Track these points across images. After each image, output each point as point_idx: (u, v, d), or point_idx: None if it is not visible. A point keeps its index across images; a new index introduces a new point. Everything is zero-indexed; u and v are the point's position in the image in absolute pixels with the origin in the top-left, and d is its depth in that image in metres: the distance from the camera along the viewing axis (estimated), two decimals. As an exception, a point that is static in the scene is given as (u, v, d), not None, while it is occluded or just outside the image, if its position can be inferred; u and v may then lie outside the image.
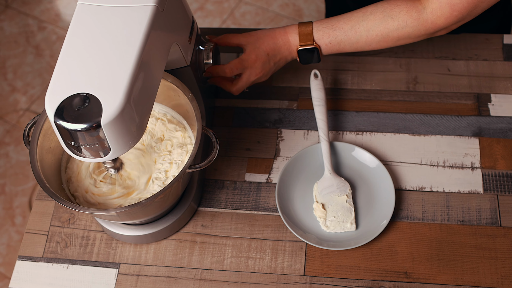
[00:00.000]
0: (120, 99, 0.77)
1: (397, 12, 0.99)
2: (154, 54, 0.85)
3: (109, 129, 0.77)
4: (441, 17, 0.97)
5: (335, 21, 1.04)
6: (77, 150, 0.81)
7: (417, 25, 0.99)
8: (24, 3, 2.86)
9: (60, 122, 0.77)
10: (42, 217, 1.10)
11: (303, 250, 1.03)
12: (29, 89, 2.55)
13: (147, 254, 1.05)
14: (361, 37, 1.03)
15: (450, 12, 0.96)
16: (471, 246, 1.02)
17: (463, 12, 0.96)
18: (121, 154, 0.83)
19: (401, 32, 1.00)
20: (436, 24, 0.98)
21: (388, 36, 1.02)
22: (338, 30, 1.04)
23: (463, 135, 1.13)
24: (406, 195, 1.08)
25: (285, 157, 1.13)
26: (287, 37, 1.06)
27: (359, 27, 1.02)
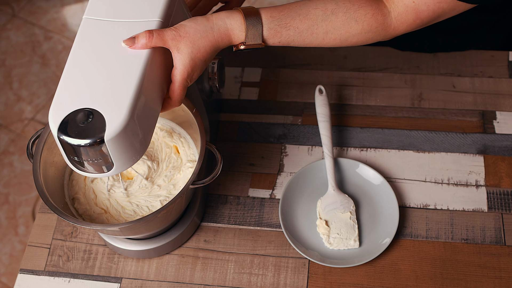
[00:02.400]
0: (124, 114, 0.77)
1: (363, 15, 0.89)
2: (159, 69, 0.85)
3: (113, 145, 0.77)
4: (405, 23, 0.90)
5: (290, 17, 0.88)
6: (80, 165, 0.81)
7: (380, 31, 0.91)
8: (31, 12, 2.87)
9: (64, 137, 0.77)
10: (44, 230, 1.10)
11: (306, 267, 1.03)
12: (34, 98, 2.56)
13: (149, 269, 1.04)
14: (317, 39, 0.90)
15: (414, 19, 0.90)
16: (475, 265, 1.01)
17: (425, 21, 0.90)
18: (124, 170, 0.83)
19: (361, 37, 0.91)
20: (397, 30, 0.92)
21: (346, 41, 0.91)
22: (292, 30, 0.89)
23: (468, 152, 1.13)
24: (410, 212, 1.07)
25: (289, 172, 1.13)
26: (230, 37, 0.87)
27: (317, 28, 0.89)
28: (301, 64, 1.28)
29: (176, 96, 0.86)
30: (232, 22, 0.86)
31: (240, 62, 1.29)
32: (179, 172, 1.01)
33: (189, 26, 0.84)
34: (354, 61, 1.27)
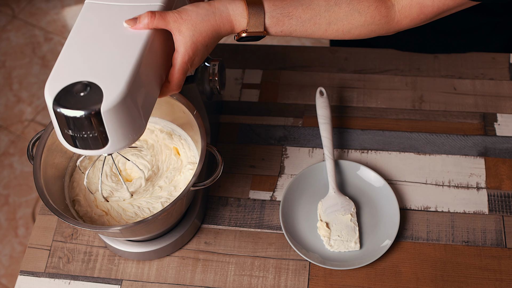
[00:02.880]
0: (122, 87, 0.76)
1: (366, 7, 0.88)
2: (159, 52, 0.84)
3: (109, 117, 0.75)
4: (408, 17, 0.90)
5: (292, 7, 0.88)
6: (73, 141, 0.79)
7: (383, 23, 0.90)
8: (31, 14, 2.87)
9: (59, 108, 0.75)
10: (44, 232, 1.10)
11: (306, 269, 1.02)
12: (34, 100, 2.56)
13: (150, 271, 1.04)
14: (319, 30, 0.89)
15: (418, 13, 0.89)
16: (476, 268, 1.01)
17: (429, 16, 0.90)
18: (120, 149, 0.81)
19: (364, 29, 0.90)
20: (400, 23, 0.91)
21: (349, 33, 0.90)
22: (295, 19, 0.88)
23: (468, 154, 1.13)
24: (410, 214, 1.07)
25: (289, 174, 1.13)
26: (232, 24, 0.87)
27: (319, 19, 0.88)
28: (301, 66, 1.28)
29: (176, 79, 0.85)
30: (234, 9, 0.86)
31: (241, 64, 1.29)
32: (179, 173, 1.01)
33: (191, 10, 0.84)
34: (355, 63, 1.27)
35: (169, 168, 1.02)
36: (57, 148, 0.99)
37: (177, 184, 1.00)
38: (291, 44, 2.62)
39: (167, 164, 1.03)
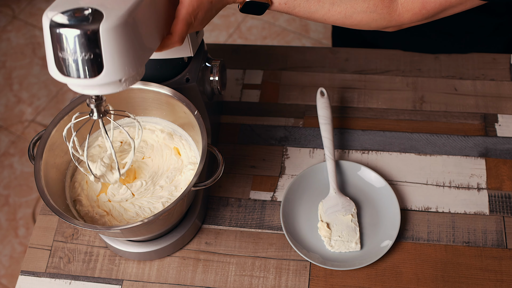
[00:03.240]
0: (124, 12, 0.74)
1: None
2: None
3: (107, 38, 0.73)
4: (410, 11, 0.90)
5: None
6: (66, 66, 0.76)
7: (385, 14, 0.90)
8: (31, 14, 2.88)
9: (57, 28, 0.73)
10: (45, 232, 1.10)
11: (307, 270, 1.02)
12: (34, 100, 2.56)
13: (151, 271, 1.04)
14: (322, 9, 0.89)
15: (420, 8, 0.89)
16: (476, 268, 1.01)
17: (431, 12, 0.89)
18: (114, 79, 0.78)
19: (366, 16, 0.90)
20: (402, 17, 0.90)
21: (351, 17, 0.90)
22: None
23: (469, 155, 1.13)
24: (411, 215, 1.07)
25: (290, 175, 1.13)
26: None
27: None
28: (302, 66, 1.28)
29: (178, 31, 0.83)
30: None
31: (242, 64, 1.29)
32: (180, 173, 1.01)
33: None
34: (356, 64, 1.27)
35: (170, 168, 1.02)
36: (58, 148, 0.99)
37: (178, 184, 1.00)
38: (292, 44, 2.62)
39: (168, 163, 1.03)
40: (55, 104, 2.54)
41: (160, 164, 1.03)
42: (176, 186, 1.00)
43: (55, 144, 0.97)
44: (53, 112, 2.51)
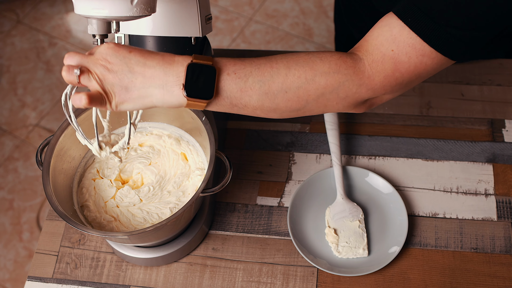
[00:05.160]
0: None
1: (328, 56, 0.81)
2: None
3: None
4: (382, 72, 0.80)
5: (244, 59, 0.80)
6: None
7: (351, 74, 0.80)
8: (36, 19, 2.88)
9: None
10: (52, 237, 1.10)
11: (314, 276, 1.02)
12: (38, 104, 2.56)
13: (157, 277, 1.04)
14: (278, 75, 0.79)
15: (392, 70, 0.80)
16: (484, 275, 1.01)
17: (405, 76, 0.81)
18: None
19: (330, 78, 0.80)
20: (373, 80, 0.81)
21: (313, 81, 0.79)
22: (248, 62, 0.79)
23: (476, 161, 1.13)
24: (419, 221, 1.07)
25: (297, 180, 1.13)
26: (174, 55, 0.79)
27: (276, 63, 0.79)
28: (309, 71, 1.27)
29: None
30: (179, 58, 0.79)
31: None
32: (188, 179, 1.01)
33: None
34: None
35: (177, 173, 1.02)
36: (66, 153, 0.99)
37: (185, 190, 1.00)
38: (295, 49, 2.62)
39: (175, 169, 1.03)
40: (59, 108, 2.54)
41: (167, 169, 1.03)
42: (183, 192, 1.00)
43: (63, 149, 0.97)
44: (57, 117, 2.51)
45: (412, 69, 0.80)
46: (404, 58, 0.79)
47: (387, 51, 0.80)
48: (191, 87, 0.76)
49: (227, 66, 0.78)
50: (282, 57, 0.81)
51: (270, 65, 0.79)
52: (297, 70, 0.79)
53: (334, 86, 0.80)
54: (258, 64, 0.79)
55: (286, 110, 0.81)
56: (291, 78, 0.79)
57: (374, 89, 0.82)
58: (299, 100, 0.81)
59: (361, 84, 0.81)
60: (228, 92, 0.78)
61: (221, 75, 0.78)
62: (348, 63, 0.80)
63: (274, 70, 0.79)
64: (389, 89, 0.82)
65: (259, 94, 0.79)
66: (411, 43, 0.78)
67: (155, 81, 0.76)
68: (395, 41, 0.79)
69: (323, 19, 2.72)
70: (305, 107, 0.82)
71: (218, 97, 0.78)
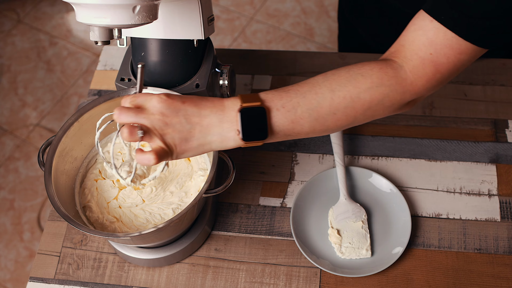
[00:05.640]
0: None
1: (369, 70, 0.82)
2: None
3: None
4: (423, 77, 0.82)
5: (290, 86, 0.83)
6: None
7: (394, 85, 0.82)
8: (36, 18, 2.88)
9: None
10: (54, 238, 1.10)
11: (317, 277, 1.02)
12: (39, 104, 2.56)
13: (160, 278, 1.04)
14: (324, 100, 0.80)
15: (433, 72, 0.82)
16: (488, 275, 1.00)
17: (445, 74, 0.83)
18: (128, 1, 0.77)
19: (375, 92, 0.81)
20: (416, 85, 0.83)
21: (358, 99, 0.81)
22: (293, 92, 0.81)
23: (480, 161, 1.12)
24: (422, 221, 1.06)
25: (300, 181, 1.12)
26: (223, 99, 0.81)
27: (320, 88, 0.81)
28: (311, 71, 1.27)
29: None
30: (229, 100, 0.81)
31: (250, 70, 1.29)
32: (190, 179, 1.01)
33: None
34: (365, 69, 1.27)
35: (180, 174, 1.02)
36: (68, 154, 0.98)
37: (188, 190, 1.00)
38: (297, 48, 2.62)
39: (177, 169, 1.03)
40: (60, 108, 2.54)
41: (170, 170, 1.03)
42: (186, 192, 0.99)
43: (65, 150, 0.97)
44: (58, 116, 2.51)
45: (451, 67, 0.82)
46: (443, 60, 0.81)
47: (426, 55, 0.81)
48: (246, 132, 0.79)
49: (274, 102, 0.80)
50: (323, 79, 0.82)
51: (314, 92, 0.81)
52: (341, 91, 0.81)
53: (379, 99, 0.82)
54: (302, 92, 0.81)
55: (336, 128, 0.84)
56: (337, 100, 0.81)
57: (418, 93, 0.84)
58: (348, 118, 0.83)
59: (405, 91, 0.83)
60: (280, 126, 0.81)
61: (271, 112, 0.80)
62: (389, 73, 0.82)
63: (319, 96, 0.81)
64: (432, 89, 0.85)
65: (310, 121, 0.81)
66: (448, 44, 0.80)
67: (212, 129, 0.78)
68: (432, 44, 0.81)
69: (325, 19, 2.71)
70: (354, 122, 0.84)
71: (272, 132, 0.81)
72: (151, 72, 1.01)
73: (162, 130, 0.77)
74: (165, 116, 0.77)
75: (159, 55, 0.99)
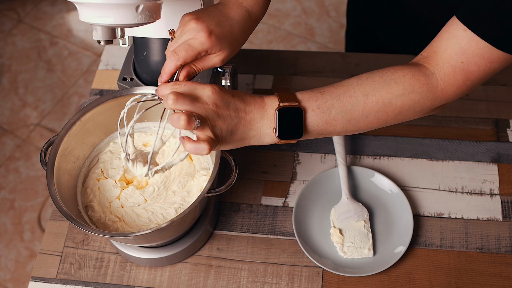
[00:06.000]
0: None
1: (401, 76, 0.84)
2: None
3: None
4: (454, 84, 0.84)
5: (325, 87, 0.85)
6: None
7: (425, 92, 0.84)
8: (37, 18, 2.87)
9: None
10: (56, 238, 1.09)
11: (319, 276, 1.02)
12: (40, 104, 2.56)
13: (162, 277, 1.04)
14: (358, 104, 0.83)
15: (464, 80, 0.84)
16: (490, 275, 1.00)
17: (475, 82, 0.84)
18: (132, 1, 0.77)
19: (406, 99, 0.84)
20: (446, 92, 0.85)
21: (390, 104, 0.84)
22: (328, 94, 0.83)
23: (481, 161, 1.12)
24: (424, 221, 1.07)
25: (302, 180, 1.12)
26: (264, 97, 0.83)
27: (354, 91, 0.84)
28: (313, 71, 1.27)
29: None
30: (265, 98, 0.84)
31: (252, 69, 1.29)
32: (192, 179, 1.01)
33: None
34: (367, 69, 1.27)
35: (182, 173, 1.02)
36: (70, 153, 0.98)
37: (190, 190, 1.00)
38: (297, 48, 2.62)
39: (180, 168, 1.03)
40: (61, 108, 2.53)
41: (172, 169, 1.02)
42: (188, 192, 0.99)
43: (67, 149, 0.97)
44: (58, 116, 2.51)
45: (481, 75, 0.84)
46: (474, 68, 0.83)
47: (457, 64, 0.83)
48: (282, 130, 0.82)
49: (310, 103, 0.83)
50: (358, 83, 0.84)
51: (349, 95, 0.84)
52: (374, 96, 0.84)
53: (410, 105, 0.85)
54: (337, 95, 0.83)
55: (367, 129, 0.87)
56: (370, 105, 0.84)
57: (447, 99, 0.86)
58: (379, 121, 0.86)
59: (435, 98, 0.85)
60: (314, 126, 0.84)
61: (307, 112, 0.83)
62: (421, 81, 0.84)
63: (353, 99, 0.83)
64: (460, 95, 0.87)
65: (343, 123, 0.84)
66: (480, 53, 0.81)
67: (254, 124, 0.81)
68: (464, 53, 0.82)
69: (325, 19, 2.71)
70: (385, 124, 0.88)
71: (307, 132, 0.84)
72: (153, 72, 1.01)
73: (214, 121, 0.78)
74: (218, 108, 0.78)
75: (161, 54, 0.99)
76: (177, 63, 0.81)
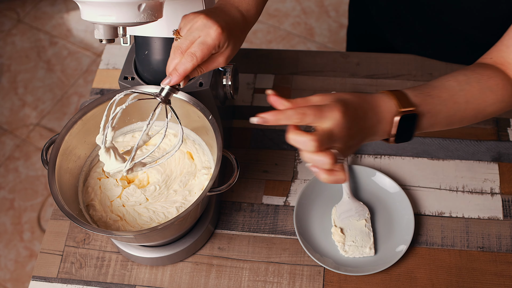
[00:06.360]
0: None
1: (495, 85, 0.87)
2: None
3: None
4: None
5: (429, 88, 0.85)
6: None
7: (510, 102, 0.89)
8: (36, 18, 2.87)
9: None
10: (56, 237, 1.09)
11: (321, 275, 1.02)
12: (39, 104, 2.56)
13: (163, 277, 1.04)
14: (459, 110, 0.86)
15: None
16: (491, 273, 1.01)
17: None
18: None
19: (496, 107, 0.88)
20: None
21: (484, 111, 0.88)
22: (437, 99, 0.84)
23: (482, 160, 1.12)
24: (425, 220, 1.07)
25: (303, 179, 1.12)
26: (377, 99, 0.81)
27: (458, 97, 0.85)
28: (313, 70, 1.27)
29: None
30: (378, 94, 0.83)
31: (253, 69, 1.29)
32: (194, 178, 1.01)
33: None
34: (367, 68, 1.27)
35: (183, 172, 1.02)
36: (71, 152, 0.98)
37: (191, 189, 1.00)
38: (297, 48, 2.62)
39: (181, 167, 1.03)
40: (60, 107, 2.53)
41: (173, 168, 1.03)
42: (190, 191, 0.99)
43: (68, 148, 0.97)
44: (58, 116, 2.50)
45: None
46: None
47: None
48: (400, 135, 0.82)
49: (422, 107, 0.82)
50: (459, 88, 0.86)
51: (453, 101, 0.85)
52: (473, 104, 0.87)
53: (497, 111, 0.89)
54: (444, 100, 0.85)
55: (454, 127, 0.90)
56: (468, 111, 0.87)
57: None
58: (468, 123, 0.90)
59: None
60: (422, 128, 0.85)
61: (420, 118, 0.83)
62: (509, 91, 0.88)
63: (456, 105, 0.86)
64: None
65: (442, 126, 0.87)
66: None
67: (371, 129, 0.80)
68: None
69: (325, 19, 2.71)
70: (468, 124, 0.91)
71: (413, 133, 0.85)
72: (154, 71, 1.01)
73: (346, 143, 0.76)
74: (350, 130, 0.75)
75: (162, 53, 0.99)
76: (195, 63, 0.81)
